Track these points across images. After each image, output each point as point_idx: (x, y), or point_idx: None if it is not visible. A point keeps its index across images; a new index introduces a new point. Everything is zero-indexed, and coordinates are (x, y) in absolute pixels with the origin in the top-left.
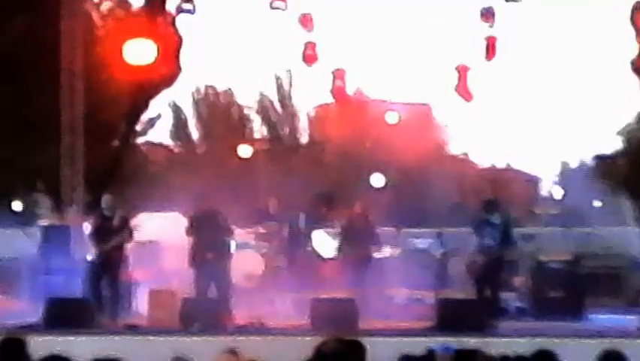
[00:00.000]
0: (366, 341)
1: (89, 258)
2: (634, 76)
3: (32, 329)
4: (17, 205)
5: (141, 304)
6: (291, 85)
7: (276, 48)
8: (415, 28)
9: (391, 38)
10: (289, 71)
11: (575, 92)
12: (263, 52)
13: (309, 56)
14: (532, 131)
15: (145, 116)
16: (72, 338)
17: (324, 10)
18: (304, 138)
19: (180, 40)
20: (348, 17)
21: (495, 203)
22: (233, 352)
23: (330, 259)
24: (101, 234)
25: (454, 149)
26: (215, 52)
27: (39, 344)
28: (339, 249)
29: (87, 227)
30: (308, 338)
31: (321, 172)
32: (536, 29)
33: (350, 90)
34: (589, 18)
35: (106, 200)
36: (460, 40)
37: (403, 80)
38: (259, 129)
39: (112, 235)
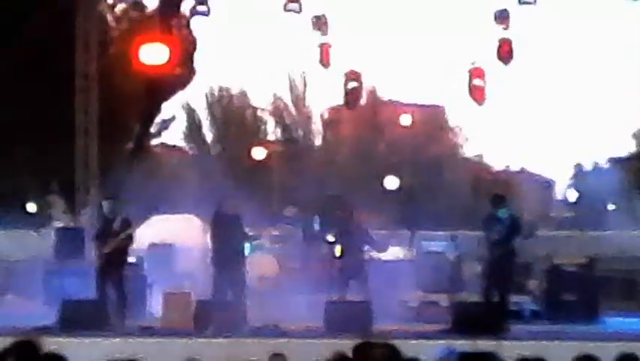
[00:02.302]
0: None
1: (94, 260)
2: None
3: (47, 331)
4: (31, 207)
5: (156, 306)
6: (305, 87)
7: (290, 50)
8: (430, 31)
9: (406, 40)
10: (303, 72)
11: (589, 94)
12: (277, 54)
13: (324, 58)
14: (547, 134)
15: (159, 118)
16: (87, 340)
17: (338, 12)
18: (318, 140)
19: (194, 42)
20: (363, 20)
21: (502, 198)
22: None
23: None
24: (102, 237)
25: (469, 151)
26: (229, 54)
27: (54, 346)
28: (339, 251)
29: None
30: (322, 341)
31: (335, 174)
32: (551, 32)
33: (364, 92)
34: (603, 21)
35: (106, 205)
36: (474, 42)
37: (417, 82)
38: (273, 131)
39: (113, 238)
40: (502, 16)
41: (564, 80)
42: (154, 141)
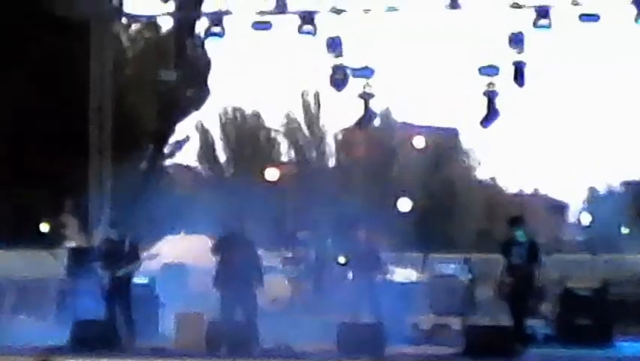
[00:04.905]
0: None
1: (102, 281)
2: None
3: (59, 351)
4: (44, 226)
5: (168, 327)
6: (318, 108)
7: (304, 71)
8: (444, 53)
9: (420, 62)
10: (317, 94)
11: (603, 118)
12: (291, 75)
13: (338, 80)
14: (561, 157)
15: (173, 139)
16: None
17: (352, 34)
18: (331, 162)
19: (209, 63)
20: (377, 41)
21: (520, 219)
22: None
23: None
24: (111, 259)
25: (482, 174)
26: (243, 75)
27: None
28: (351, 273)
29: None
30: None
31: (348, 196)
32: (565, 55)
33: (378, 114)
34: (618, 44)
35: (114, 231)
36: (488, 65)
37: (430, 105)
38: (286, 152)
39: (122, 260)
40: (516, 40)
41: (578, 104)
42: (168, 162)
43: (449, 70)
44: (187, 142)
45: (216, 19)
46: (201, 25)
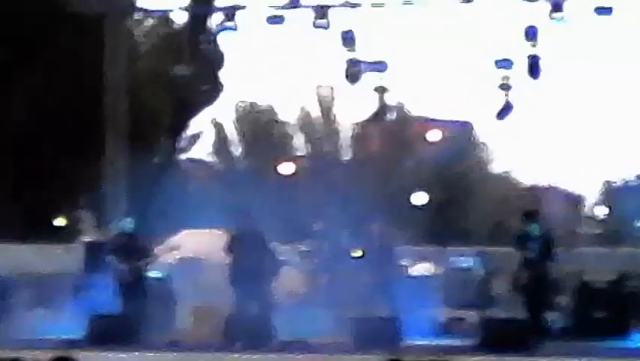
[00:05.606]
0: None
1: (115, 275)
2: None
3: (76, 344)
4: (60, 221)
5: (185, 320)
6: (333, 102)
7: (319, 65)
8: (458, 46)
9: (434, 56)
10: (331, 87)
11: (618, 110)
12: (305, 69)
13: (352, 74)
14: (576, 150)
15: (187, 133)
16: (116, 354)
17: (366, 27)
18: (346, 155)
19: (222, 57)
20: (391, 35)
21: (534, 214)
22: None
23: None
24: (124, 253)
25: (497, 167)
26: (257, 69)
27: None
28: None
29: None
30: (351, 356)
31: (363, 189)
32: (580, 48)
33: (392, 107)
34: (633, 37)
35: (128, 222)
36: (503, 58)
37: (445, 98)
38: (301, 146)
39: (135, 254)
40: (531, 33)
41: (593, 96)
42: (182, 156)
43: (464, 63)
44: (201, 137)
45: (230, 13)
46: (215, 20)
